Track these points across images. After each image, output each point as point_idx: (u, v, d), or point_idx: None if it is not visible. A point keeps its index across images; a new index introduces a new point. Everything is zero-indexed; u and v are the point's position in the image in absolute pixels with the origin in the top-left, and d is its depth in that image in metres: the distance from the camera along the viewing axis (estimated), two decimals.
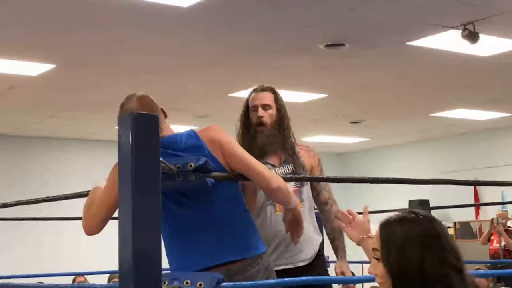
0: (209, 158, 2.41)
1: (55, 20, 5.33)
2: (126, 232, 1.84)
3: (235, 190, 2.63)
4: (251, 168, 2.52)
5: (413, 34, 5.88)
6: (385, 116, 9.63)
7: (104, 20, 5.35)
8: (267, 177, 2.52)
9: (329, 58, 6.46)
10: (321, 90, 7.92)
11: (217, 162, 2.48)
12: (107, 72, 6.87)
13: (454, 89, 8.07)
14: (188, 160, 2.33)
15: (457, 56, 6.48)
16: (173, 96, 7.89)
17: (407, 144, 12.21)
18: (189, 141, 2.52)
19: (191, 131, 2.59)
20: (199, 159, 2.32)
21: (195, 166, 2.29)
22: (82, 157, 10.47)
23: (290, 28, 5.59)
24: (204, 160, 2.33)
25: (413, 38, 5.97)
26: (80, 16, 5.26)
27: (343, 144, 12.21)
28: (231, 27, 5.59)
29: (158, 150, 1.90)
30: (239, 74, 7.06)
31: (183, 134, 2.58)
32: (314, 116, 9.41)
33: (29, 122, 9.25)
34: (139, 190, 1.84)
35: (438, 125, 10.37)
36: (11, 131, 9.86)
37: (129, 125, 1.87)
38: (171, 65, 6.72)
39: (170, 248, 2.57)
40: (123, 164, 1.88)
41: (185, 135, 2.56)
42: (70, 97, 7.75)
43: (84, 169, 9.91)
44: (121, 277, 1.85)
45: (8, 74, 6.78)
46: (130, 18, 5.29)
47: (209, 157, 2.43)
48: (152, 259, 1.84)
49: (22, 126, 9.49)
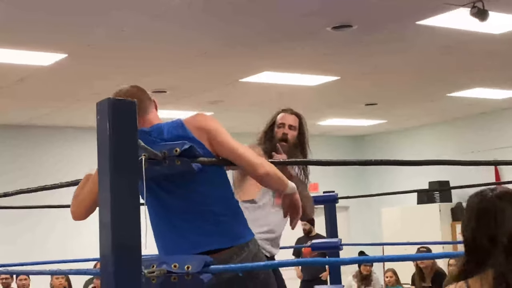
0: (196, 144, 2.40)
1: (64, 10, 5.36)
2: (105, 218, 1.86)
3: (222, 178, 2.61)
4: (237, 154, 2.49)
5: (421, 13, 5.82)
6: (400, 97, 9.55)
7: (113, 9, 5.35)
8: (254, 163, 2.50)
9: (338, 41, 6.41)
10: (332, 73, 7.87)
11: (205, 148, 2.48)
12: (118, 61, 6.89)
13: (469, 68, 7.96)
14: (174, 145, 2.32)
15: (468, 35, 6.40)
16: (183, 83, 7.90)
17: (425, 126, 12.11)
18: (174, 130, 2.53)
19: (178, 120, 2.58)
20: (184, 144, 2.31)
21: (181, 151, 2.29)
22: (95, 146, 10.49)
23: (295, 11, 5.55)
24: (189, 145, 2.31)
25: (422, 18, 5.90)
26: (88, 6, 5.28)
27: (359, 126, 12.14)
28: (237, 11, 5.57)
29: (135, 135, 1.90)
30: (248, 59, 7.05)
31: (169, 123, 2.58)
32: (328, 99, 9.37)
33: (42, 113, 9.32)
34: (117, 175, 1.86)
35: (455, 105, 10.25)
36: (26, 121, 9.94)
37: (106, 111, 1.88)
38: (179, 54, 6.72)
39: (157, 233, 2.58)
40: (101, 150, 1.89)
41: (170, 124, 2.57)
42: (82, 86, 7.79)
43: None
44: (102, 263, 1.87)
45: (20, 64, 6.83)
46: (138, 7, 5.31)
47: (196, 143, 2.43)
48: (131, 243, 1.85)
49: (36, 116, 9.56)
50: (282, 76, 7.82)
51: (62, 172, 9.13)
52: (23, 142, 10.31)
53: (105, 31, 5.91)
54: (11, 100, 8.51)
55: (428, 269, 8.06)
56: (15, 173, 9.84)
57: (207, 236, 2.51)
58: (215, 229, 2.52)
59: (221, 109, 9.55)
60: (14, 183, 6.12)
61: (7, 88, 7.78)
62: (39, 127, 10.31)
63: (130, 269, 1.84)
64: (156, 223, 2.56)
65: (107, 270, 1.82)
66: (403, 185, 10.38)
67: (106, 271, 1.83)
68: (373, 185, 12.45)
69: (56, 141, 10.49)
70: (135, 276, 1.84)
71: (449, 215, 11.26)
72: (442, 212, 11.18)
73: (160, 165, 2.31)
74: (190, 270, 2.17)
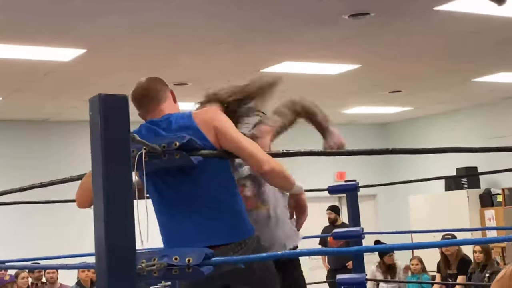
0: (198, 137, 2.40)
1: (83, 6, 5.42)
2: (99, 211, 1.88)
3: (224, 172, 2.58)
4: (242, 149, 2.45)
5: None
6: (424, 84, 9.46)
7: (130, 2, 5.38)
8: (259, 159, 2.44)
9: (356, 28, 6.38)
10: (353, 61, 7.83)
11: (207, 141, 2.46)
12: (137, 53, 6.94)
13: (491, 53, 7.86)
14: (173, 139, 2.33)
15: (487, 19, 6.32)
16: (205, 74, 7.92)
17: (451, 112, 11.98)
18: (181, 120, 2.53)
19: (188, 112, 2.60)
20: (184, 137, 2.31)
21: (180, 144, 2.31)
22: None
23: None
24: (188, 138, 2.31)
25: (440, 3, 5.84)
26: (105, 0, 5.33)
27: (385, 114, 12.07)
28: (252, 2, 5.57)
29: (127, 129, 1.92)
30: (267, 49, 7.05)
31: (179, 114, 2.59)
32: (351, 87, 9.32)
33: (67, 107, 9.43)
34: (109, 169, 1.87)
35: (480, 90, 10.13)
36: (53, 116, 10.07)
37: (97, 106, 1.90)
38: (199, 44, 6.74)
39: (160, 227, 2.61)
40: (94, 145, 1.91)
41: (179, 115, 2.57)
42: (104, 80, 7.86)
43: None
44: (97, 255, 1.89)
45: (43, 60, 6.92)
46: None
47: (199, 135, 2.43)
48: (125, 236, 1.86)
49: (64, 110, 9.68)
50: (302, 65, 7.81)
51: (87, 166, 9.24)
52: (51, 136, 10.45)
53: (123, 24, 5.95)
54: (38, 94, 8.63)
55: (453, 256, 8.01)
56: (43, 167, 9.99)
57: (205, 231, 2.51)
58: (213, 224, 2.52)
59: None
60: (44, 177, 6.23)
61: (31, 83, 7.89)
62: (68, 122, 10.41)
63: (124, 261, 1.85)
64: (159, 215, 2.59)
65: (101, 263, 1.84)
66: (430, 172, 10.30)
67: (100, 264, 1.85)
68: (400, 172, 12.38)
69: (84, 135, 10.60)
70: (129, 269, 1.86)
71: (477, 201, 11.14)
72: (470, 199, 11.07)
73: (159, 158, 2.33)
74: (191, 263, 2.19)
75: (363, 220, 4.95)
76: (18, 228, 9.79)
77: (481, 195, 11.16)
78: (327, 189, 4.84)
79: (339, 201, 11.76)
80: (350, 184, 5.03)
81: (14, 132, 10.23)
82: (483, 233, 10.56)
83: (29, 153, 10.23)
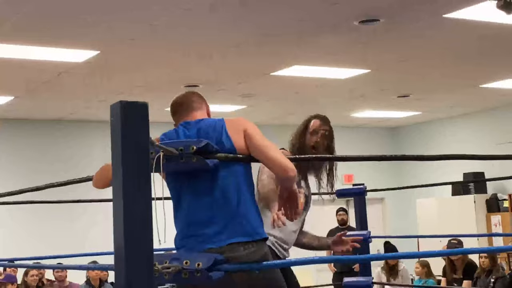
0: (221, 136, 2.62)
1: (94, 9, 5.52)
2: (119, 212, 1.96)
3: (244, 176, 2.72)
4: (268, 153, 2.64)
5: (448, 7, 5.83)
6: (432, 89, 9.53)
7: (143, 4, 5.47)
8: (285, 165, 2.62)
9: (366, 34, 6.45)
10: (362, 66, 7.91)
11: (230, 141, 2.65)
12: (149, 56, 7.03)
13: (499, 59, 7.93)
14: (191, 143, 2.43)
15: (496, 27, 6.38)
16: (216, 77, 8.01)
17: (460, 116, 12.04)
18: (211, 121, 2.75)
19: (221, 118, 2.79)
20: (201, 141, 2.42)
21: (197, 148, 2.39)
22: None
23: (321, 5, 5.61)
24: (206, 142, 2.42)
25: (449, 11, 5.92)
26: (116, 2, 5.42)
27: (394, 118, 12.13)
28: (262, 7, 5.65)
29: (146, 134, 2.00)
30: (277, 53, 7.13)
31: (210, 119, 2.82)
32: (360, 92, 9.40)
33: (81, 107, 9.54)
34: (129, 173, 1.95)
35: (489, 96, 10.19)
36: (66, 115, 10.19)
37: (118, 113, 1.98)
38: (210, 47, 6.82)
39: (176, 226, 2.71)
40: (114, 149, 1.99)
41: (210, 119, 2.80)
42: (115, 81, 7.96)
43: None
44: (116, 256, 1.97)
45: (56, 61, 7.02)
46: (169, 1, 5.40)
47: (223, 136, 2.63)
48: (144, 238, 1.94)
49: (78, 110, 9.79)
50: (312, 69, 7.89)
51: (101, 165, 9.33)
52: (65, 136, 10.55)
53: (136, 27, 6.04)
54: (51, 95, 8.74)
55: (459, 261, 8.06)
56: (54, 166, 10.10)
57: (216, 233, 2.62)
58: (224, 226, 2.63)
59: (253, 102, 9.66)
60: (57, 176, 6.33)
61: (46, 83, 8.00)
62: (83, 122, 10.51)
63: (142, 262, 1.91)
64: (177, 217, 2.70)
65: (120, 264, 1.91)
66: (438, 176, 10.36)
67: (119, 265, 1.92)
68: (408, 175, 12.44)
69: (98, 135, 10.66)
70: (147, 270, 1.91)
71: (484, 206, 11.19)
72: (477, 204, 11.12)
73: (176, 161, 2.42)
74: (200, 267, 2.27)
75: (371, 223, 5.02)
76: (30, 227, 9.90)
77: (487, 200, 11.21)
78: (335, 193, 4.91)
79: (346, 204, 11.83)
80: (358, 188, 5.10)
81: (27, 131, 10.36)
82: (489, 239, 10.62)
83: (42, 153, 10.35)
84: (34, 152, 10.31)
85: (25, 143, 10.32)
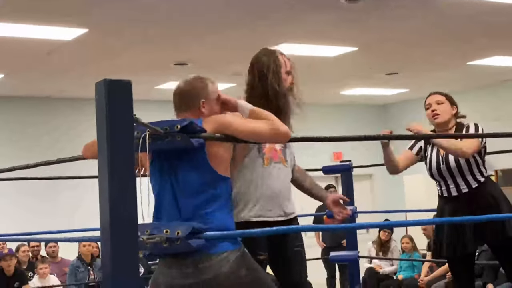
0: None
1: None
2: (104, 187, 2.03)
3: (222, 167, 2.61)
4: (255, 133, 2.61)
5: None
6: (420, 67, 9.59)
7: None
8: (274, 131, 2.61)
9: (353, 12, 6.50)
10: (350, 43, 7.95)
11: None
12: (139, 34, 7.05)
13: (486, 37, 7.98)
14: (175, 122, 2.46)
15: (482, 4, 6.44)
16: (205, 55, 8.04)
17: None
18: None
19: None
20: (184, 120, 2.45)
21: (181, 127, 2.43)
22: None
23: None
24: (189, 121, 2.44)
25: None
26: None
27: (382, 95, 12.19)
28: None
29: (130, 111, 2.06)
30: (265, 31, 7.16)
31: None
32: (348, 70, 9.45)
33: (69, 84, 9.56)
34: (113, 150, 2.01)
35: (477, 73, 10.25)
36: (56, 93, 10.19)
37: (103, 91, 2.04)
38: (198, 26, 6.85)
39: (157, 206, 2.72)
40: (99, 127, 2.05)
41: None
42: (104, 59, 7.98)
43: None
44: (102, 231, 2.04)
45: (45, 39, 7.04)
46: None
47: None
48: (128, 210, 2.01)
49: (67, 88, 9.80)
50: (301, 47, 7.92)
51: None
52: (52, 113, 10.58)
53: (125, 5, 6.05)
54: (39, 73, 8.76)
55: None
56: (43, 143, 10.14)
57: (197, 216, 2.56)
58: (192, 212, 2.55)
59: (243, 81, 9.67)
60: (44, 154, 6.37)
61: (35, 61, 8.01)
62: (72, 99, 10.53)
63: (127, 236, 1.98)
64: (159, 196, 2.66)
65: (106, 238, 1.98)
66: None
67: (105, 239, 1.99)
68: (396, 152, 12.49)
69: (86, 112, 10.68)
70: (132, 245, 1.98)
71: None
72: None
73: (162, 140, 2.46)
74: (180, 235, 2.34)
75: (359, 199, 5.09)
76: (20, 203, 9.94)
77: None
78: (321, 169, 4.99)
79: (335, 181, 11.92)
80: (344, 165, 5.20)
81: (16, 109, 10.37)
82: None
83: (31, 130, 10.37)
84: (23, 129, 10.33)
85: (14, 120, 10.34)
